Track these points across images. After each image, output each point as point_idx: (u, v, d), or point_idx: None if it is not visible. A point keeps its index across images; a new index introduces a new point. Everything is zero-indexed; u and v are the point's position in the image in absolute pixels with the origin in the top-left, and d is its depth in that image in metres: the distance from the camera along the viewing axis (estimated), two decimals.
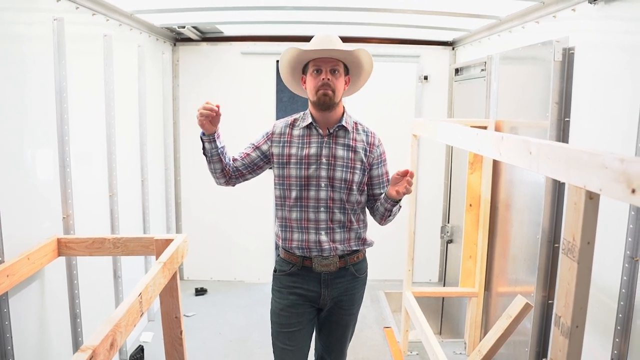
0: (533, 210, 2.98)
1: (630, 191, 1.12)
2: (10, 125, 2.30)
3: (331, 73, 2.21)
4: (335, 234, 2.29)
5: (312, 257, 2.28)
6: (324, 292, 2.32)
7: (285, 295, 2.33)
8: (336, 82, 2.22)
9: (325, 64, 2.21)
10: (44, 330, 2.61)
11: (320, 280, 2.31)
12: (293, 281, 2.33)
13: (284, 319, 2.33)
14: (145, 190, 4.14)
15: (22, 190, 2.42)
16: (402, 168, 2.19)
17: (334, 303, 2.36)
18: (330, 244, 2.27)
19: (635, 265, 2.11)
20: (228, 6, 3.61)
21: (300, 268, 2.31)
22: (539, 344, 2.93)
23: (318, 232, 2.27)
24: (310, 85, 2.25)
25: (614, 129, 2.34)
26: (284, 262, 2.36)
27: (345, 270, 2.33)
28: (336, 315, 2.41)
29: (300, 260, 2.30)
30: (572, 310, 1.36)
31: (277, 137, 2.33)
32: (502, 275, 3.49)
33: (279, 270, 2.38)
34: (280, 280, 2.37)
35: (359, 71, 2.33)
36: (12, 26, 2.36)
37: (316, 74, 2.22)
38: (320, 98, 2.21)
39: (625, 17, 2.32)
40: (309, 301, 2.33)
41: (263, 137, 2.36)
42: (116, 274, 3.54)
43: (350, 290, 2.37)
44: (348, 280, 2.35)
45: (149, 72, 4.19)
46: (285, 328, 2.33)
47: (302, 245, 2.28)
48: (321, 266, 2.28)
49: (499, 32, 3.76)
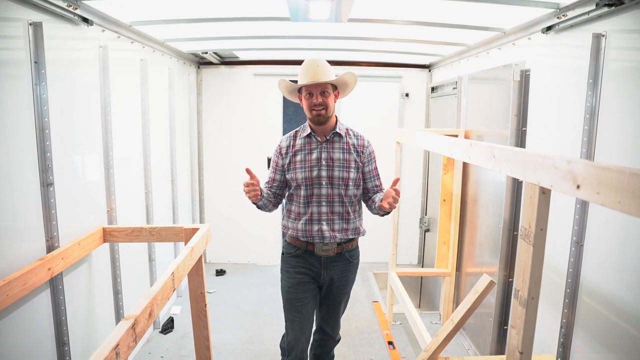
0: (496, 204, 2.99)
1: (576, 187, 1.13)
2: (64, 134, 2.32)
3: (321, 95, 2.23)
4: (334, 224, 2.30)
5: (314, 243, 2.30)
6: (324, 273, 2.34)
7: (293, 275, 2.35)
8: (327, 100, 2.24)
9: (315, 89, 2.23)
10: (91, 303, 2.63)
11: (321, 262, 2.33)
12: (298, 262, 2.35)
13: (293, 294, 2.36)
14: (175, 188, 4.15)
15: (74, 189, 2.44)
16: (388, 170, 2.20)
17: (331, 282, 2.38)
18: (331, 233, 2.29)
19: (580, 249, 2.13)
20: (243, 35, 3.63)
21: (304, 251, 2.33)
22: (501, 315, 2.95)
23: (320, 222, 2.28)
24: (306, 106, 2.27)
25: (563, 136, 2.36)
26: (290, 246, 2.38)
27: (341, 255, 2.35)
28: (333, 294, 2.42)
29: (304, 244, 2.32)
30: (528, 284, 1.38)
31: (284, 150, 2.35)
32: (470, 258, 3.51)
33: (286, 252, 2.40)
34: (288, 261, 2.38)
35: (346, 86, 2.35)
36: (66, 52, 2.38)
37: (309, 96, 2.25)
38: (315, 117, 2.25)
39: (572, 44, 2.34)
40: (312, 279, 2.35)
41: (276, 155, 2.37)
42: (150, 257, 3.55)
43: (345, 273, 2.39)
44: (343, 264, 2.37)
45: (177, 90, 4.20)
46: (295, 302, 2.36)
47: (306, 234, 2.29)
48: (322, 251, 2.31)
49: (468, 56, 3.77)
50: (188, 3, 2.68)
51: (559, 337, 2.24)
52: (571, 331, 2.19)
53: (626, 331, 1.88)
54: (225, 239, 5.20)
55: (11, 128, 1.92)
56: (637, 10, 1.87)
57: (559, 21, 2.36)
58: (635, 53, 1.93)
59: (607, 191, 1.01)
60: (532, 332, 1.42)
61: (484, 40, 3.32)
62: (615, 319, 1.94)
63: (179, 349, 3.36)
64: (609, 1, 1.94)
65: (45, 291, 2.14)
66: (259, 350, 3.38)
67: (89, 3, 2.43)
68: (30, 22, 2.00)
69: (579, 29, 2.25)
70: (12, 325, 1.90)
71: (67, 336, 2.25)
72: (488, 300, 2.94)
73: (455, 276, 3.74)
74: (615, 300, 1.94)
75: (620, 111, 1.95)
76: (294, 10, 2.60)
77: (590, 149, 2.07)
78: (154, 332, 3.58)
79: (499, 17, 2.77)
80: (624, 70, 1.98)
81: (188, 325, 3.06)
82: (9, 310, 1.87)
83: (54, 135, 2.16)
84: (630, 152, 1.89)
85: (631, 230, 1.86)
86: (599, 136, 2.05)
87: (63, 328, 2.22)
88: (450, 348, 3.41)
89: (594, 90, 2.06)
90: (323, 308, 2.49)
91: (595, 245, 2.07)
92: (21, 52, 1.98)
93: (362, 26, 3.19)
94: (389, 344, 3.45)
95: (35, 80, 2.03)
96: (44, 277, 2.02)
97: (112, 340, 1.33)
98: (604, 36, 2.03)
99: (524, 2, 2.38)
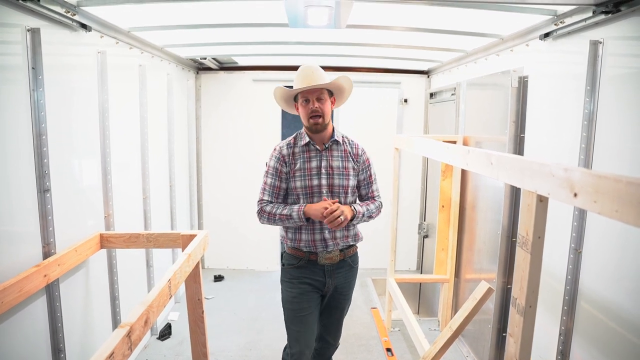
0: (494, 210, 2.99)
1: (573, 195, 1.13)
2: (62, 140, 2.31)
3: (318, 101, 2.22)
4: (336, 232, 2.27)
5: (317, 252, 2.27)
6: (328, 281, 2.31)
7: (297, 285, 2.30)
8: (323, 107, 2.22)
9: (312, 94, 2.21)
10: (88, 310, 2.62)
11: (325, 271, 2.29)
12: (301, 272, 2.30)
13: (296, 305, 2.30)
14: (173, 194, 4.14)
15: (71, 194, 2.43)
16: (387, 176, 2.19)
17: (335, 289, 2.35)
18: (333, 241, 2.27)
19: (578, 256, 2.13)
20: (242, 41, 3.63)
21: (307, 262, 2.29)
22: (500, 322, 2.93)
23: (322, 231, 2.26)
24: (302, 113, 2.25)
25: (561, 142, 2.36)
26: (291, 257, 2.33)
27: (344, 262, 2.33)
28: (335, 300, 2.39)
29: (306, 255, 2.29)
30: (526, 293, 1.37)
31: (286, 158, 2.30)
32: (469, 265, 3.50)
33: (288, 264, 2.35)
34: (290, 272, 2.33)
35: (342, 91, 2.33)
36: (64, 58, 2.38)
37: (305, 103, 2.23)
38: (312, 126, 2.23)
39: (570, 50, 2.34)
40: (316, 289, 2.31)
41: (278, 162, 2.30)
42: (148, 263, 3.53)
43: (347, 279, 2.37)
44: (346, 270, 2.35)
45: (176, 96, 4.20)
46: (298, 313, 2.30)
47: (309, 244, 2.26)
48: (325, 259, 2.28)
49: (466, 63, 3.78)
50: (187, 9, 2.68)
51: (557, 344, 2.23)
52: (570, 338, 2.18)
53: (625, 338, 1.87)
54: (224, 244, 5.19)
55: (8, 133, 1.92)
56: (633, 17, 1.87)
57: (556, 28, 2.36)
58: (632, 60, 1.94)
59: (604, 200, 1.01)
60: (530, 341, 1.41)
61: (483, 47, 3.32)
62: (614, 325, 1.93)
63: (177, 355, 3.34)
64: (605, 8, 1.95)
65: (41, 298, 2.12)
66: (256, 356, 3.36)
67: (88, 9, 2.43)
68: (28, 28, 2.00)
69: (576, 35, 2.25)
70: (8, 332, 1.89)
71: (62, 343, 2.23)
72: (487, 307, 2.93)
73: (454, 282, 3.73)
74: (614, 307, 1.93)
75: (617, 117, 1.95)
76: (292, 16, 2.60)
77: (588, 155, 2.07)
78: (152, 339, 3.56)
79: (497, 24, 2.78)
80: (621, 77, 1.98)
81: (186, 332, 3.06)
82: (5, 317, 1.85)
83: (51, 141, 2.16)
84: (628, 159, 1.89)
85: (629, 238, 1.85)
86: (596, 142, 2.05)
87: (59, 335, 2.21)
88: (449, 355, 3.39)
89: (591, 97, 2.06)
90: (325, 316, 2.44)
91: (593, 252, 2.07)
92: (19, 57, 1.98)
93: (360, 32, 3.19)
94: (387, 351, 3.43)
95: (33, 86, 2.03)
96: (40, 283, 2.00)
97: (106, 348, 1.32)
98: (601, 43, 2.04)
99: (521, 9, 2.38)
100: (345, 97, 2.38)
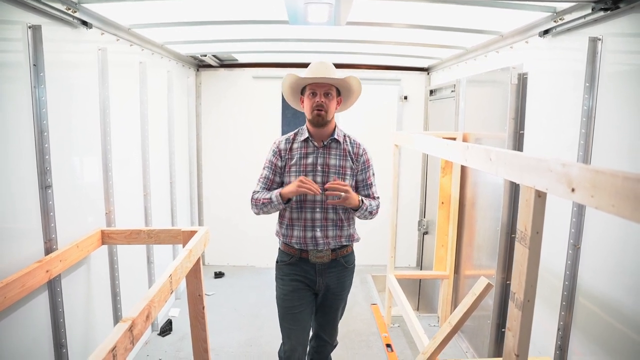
0: (494, 206, 3.00)
1: (571, 190, 1.13)
2: (63, 137, 2.32)
3: (324, 96, 2.21)
4: (328, 231, 2.27)
5: (308, 250, 2.27)
6: (319, 280, 2.30)
7: (288, 282, 2.31)
8: (329, 103, 2.22)
9: (320, 88, 2.20)
10: (89, 306, 2.63)
11: (316, 270, 2.29)
12: (293, 270, 2.31)
13: (288, 302, 2.31)
14: (173, 190, 4.15)
15: (72, 191, 2.44)
16: (386, 173, 2.19)
17: (327, 289, 2.34)
18: (324, 239, 2.26)
19: (577, 251, 2.14)
20: (242, 38, 3.63)
21: (298, 259, 2.30)
22: (499, 317, 2.95)
23: (314, 229, 2.25)
24: (307, 106, 2.24)
25: (560, 139, 2.37)
26: (284, 254, 2.34)
27: (336, 261, 2.32)
28: (329, 300, 2.38)
29: (298, 252, 2.29)
30: (524, 287, 1.38)
31: (283, 152, 2.30)
32: (468, 261, 3.51)
33: (280, 260, 2.36)
34: (282, 269, 2.34)
35: (350, 93, 2.32)
36: (65, 55, 2.38)
37: (312, 96, 2.22)
38: (315, 118, 2.21)
39: (569, 47, 2.35)
40: (307, 286, 2.31)
41: (275, 155, 2.31)
42: (149, 259, 3.55)
43: (340, 279, 2.36)
44: (339, 270, 2.34)
45: (176, 93, 4.20)
46: (290, 311, 2.31)
47: (300, 240, 2.27)
48: (316, 258, 2.27)
49: (466, 60, 3.78)
50: (187, 6, 2.69)
51: (556, 339, 2.24)
52: (568, 333, 2.19)
53: (623, 333, 1.88)
54: (224, 241, 5.20)
55: (10, 130, 1.92)
56: (632, 14, 1.88)
57: (555, 25, 2.37)
58: (631, 56, 1.94)
59: (601, 194, 1.02)
60: (528, 335, 1.42)
61: (482, 44, 3.33)
62: (612, 321, 1.94)
63: (177, 351, 3.36)
64: (604, 5, 1.95)
65: (43, 293, 2.14)
66: (257, 352, 3.38)
67: (89, 6, 2.43)
68: (30, 25, 2.01)
69: (575, 32, 2.26)
70: (10, 327, 1.90)
71: (65, 338, 2.25)
72: (486, 302, 2.94)
73: (454, 279, 3.74)
74: (612, 302, 1.95)
75: (616, 114, 1.96)
76: (292, 13, 2.60)
77: (587, 151, 2.08)
78: (152, 334, 3.58)
79: (497, 21, 2.78)
80: (620, 74, 1.99)
81: (186, 328, 3.07)
82: (7, 313, 1.86)
83: (53, 138, 2.16)
84: (627, 155, 1.90)
85: (628, 233, 1.86)
86: (595, 139, 2.06)
87: (61, 330, 2.22)
88: (448, 350, 3.40)
89: (590, 94, 2.07)
90: (319, 315, 2.44)
91: (592, 247, 2.08)
92: (20, 54, 1.98)
93: (360, 29, 3.19)
94: (387, 347, 3.45)
95: (34, 83, 2.04)
96: (42, 279, 2.01)
97: (109, 342, 1.33)
98: (600, 40, 2.04)
99: (521, 6, 2.39)
100: (351, 101, 2.37)
